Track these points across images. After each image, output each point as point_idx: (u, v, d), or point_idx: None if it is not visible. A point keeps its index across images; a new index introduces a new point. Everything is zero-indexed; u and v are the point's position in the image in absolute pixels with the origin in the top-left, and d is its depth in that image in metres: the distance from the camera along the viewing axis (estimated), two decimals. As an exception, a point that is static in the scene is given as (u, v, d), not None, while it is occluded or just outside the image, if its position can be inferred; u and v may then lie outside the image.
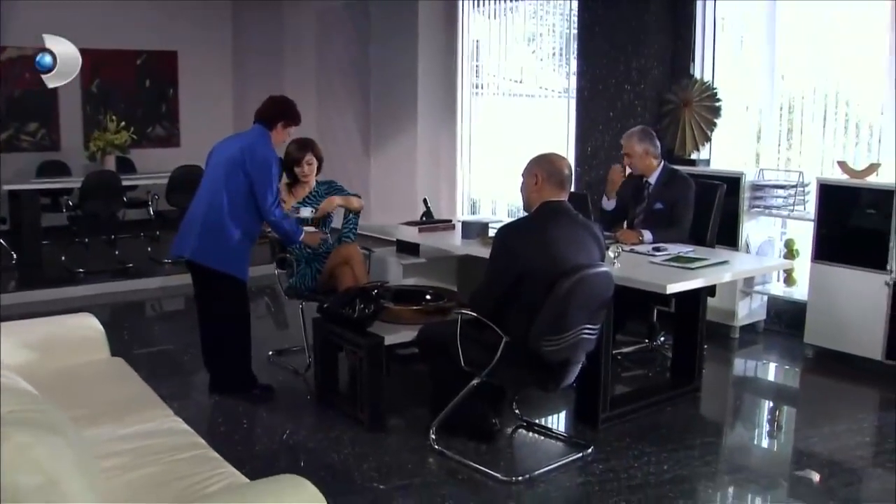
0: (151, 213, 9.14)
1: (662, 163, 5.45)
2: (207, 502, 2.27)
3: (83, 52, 4.35)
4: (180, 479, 2.54)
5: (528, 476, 3.87)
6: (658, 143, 5.47)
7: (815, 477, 3.92)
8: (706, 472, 3.98)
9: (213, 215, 4.68)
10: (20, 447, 1.81)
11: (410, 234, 5.60)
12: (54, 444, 1.91)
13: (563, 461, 4.08)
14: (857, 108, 6.05)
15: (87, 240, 8.82)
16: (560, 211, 3.86)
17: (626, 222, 5.52)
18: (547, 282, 3.64)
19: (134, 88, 10.86)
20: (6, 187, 8.00)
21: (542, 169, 3.90)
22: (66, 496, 1.86)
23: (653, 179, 5.40)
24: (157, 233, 9.26)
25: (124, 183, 8.32)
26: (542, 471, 3.93)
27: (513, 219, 4.93)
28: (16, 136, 10.14)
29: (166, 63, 11.04)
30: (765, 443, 4.62)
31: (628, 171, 5.60)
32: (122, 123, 8.83)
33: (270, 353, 5.66)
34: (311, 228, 5.11)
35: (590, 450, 4.14)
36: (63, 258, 8.16)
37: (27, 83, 9.81)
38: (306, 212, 5.23)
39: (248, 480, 2.55)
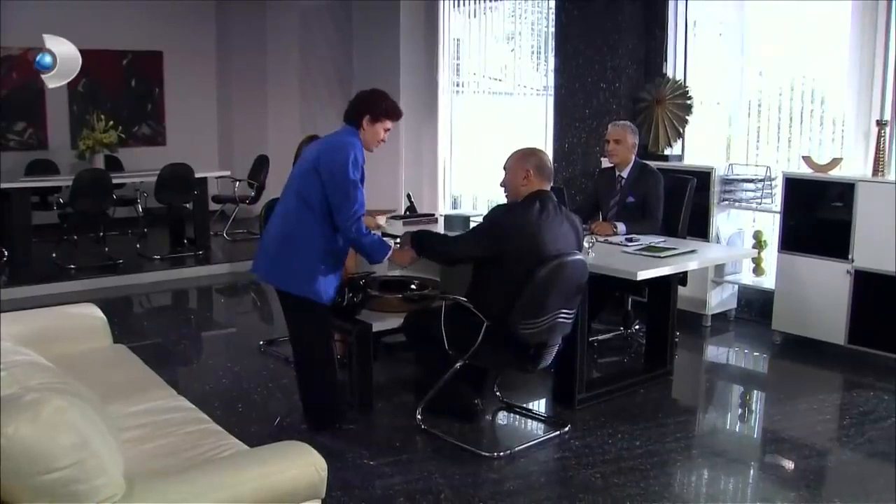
0: (140, 210, 9.35)
1: (635, 158, 5.71)
2: (220, 465, 2.50)
3: (69, 52, 4.49)
4: (192, 449, 2.78)
5: (508, 452, 4.12)
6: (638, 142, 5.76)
7: (787, 464, 4.16)
8: (677, 448, 4.23)
9: (285, 229, 4.17)
10: (57, 410, 2.03)
11: (395, 228, 5.81)
12: (84, 408, 2.13)
13: (542, 438, 4.35)
14: (821, 105, 6.32)
15: (76, 237, 8.99)
16: (548, 200, 4.11)
17: (600, 215, 5.77)
18: (527, 266, 3.90)
19: (120, 88, 11.03)
20: (-2, 185, 8.16)
21: (531, 164, 4.17)
22: (96, 454, 2.08)
23: (625, 174, 5.66)
24: (146, 230, 9.46)
25: (114, 181, 8.48)
26: (522, 447, 4.19)
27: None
28: (3, 135, 10.27)
29: (152, 63, 11.22)
30: (733, 421, 4.87)
31: (605, 162, 5.87)
32: (110, 123, 9.00)
33: (261, 342, 5.90)
34: (392, 243, 4.47)
35: (567, 428, 4.39)
36: (53, 255, 8.33)
37: (14, 83, 9.98)
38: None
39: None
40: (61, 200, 8.41)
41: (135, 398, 3.27)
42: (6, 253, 8.29)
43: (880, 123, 5.52)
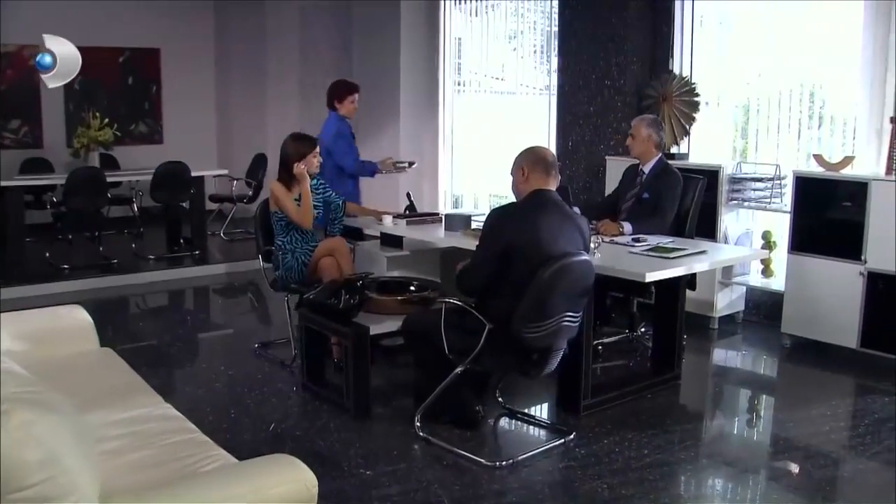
0: (135, 209, 9.20)
1: (660, 156, 5.56)
2: (205, 479, 2.34)
3: (66, 49, 4.38)
4: (175, 461, 2.62)
5: (511, 461, 3.95)
6: (662, 136, 5.60)
7: (794, 468, 4.02)
8: (686, 456, 4.08)
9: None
10: (23, 424, 1.87)
11: (398, 227, 5.66)
12: (54, 421, 1.97)
13: (546, 446, 4.18)
14: (831, 103, 6.17)
15: (70, 237, 8.85)
16: (548, 200, 3.97)
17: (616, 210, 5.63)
18: (530, 266, 3.74)
19: (117, 86, 10.90)
20: (-9, 183, 8.00)
21: (527, 160, 4.03)
22: (67, 471, 1.92)
23: (647, 168, 5.52)
24: (141, 229, 9.32)
25: (108, 180, 8.34)
26: (525, 455, 4.02)
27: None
28: (-2, 133, 10.14)
29: (149, 60, 11.08)
30: (742, 428, 4.71)
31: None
32: (106, 121, 8.85)
33: (256, 345, 5.74)
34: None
35: (572, 435, 4.23)
36: (47, 255, 8.18)
37: (9, 80, 9.83)
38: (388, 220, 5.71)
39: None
40: (55, 199, 8.27)
41: (118, 405, 3.11)
42: (-2, 253, 8.15)
43: (894, 120, 5.36)
